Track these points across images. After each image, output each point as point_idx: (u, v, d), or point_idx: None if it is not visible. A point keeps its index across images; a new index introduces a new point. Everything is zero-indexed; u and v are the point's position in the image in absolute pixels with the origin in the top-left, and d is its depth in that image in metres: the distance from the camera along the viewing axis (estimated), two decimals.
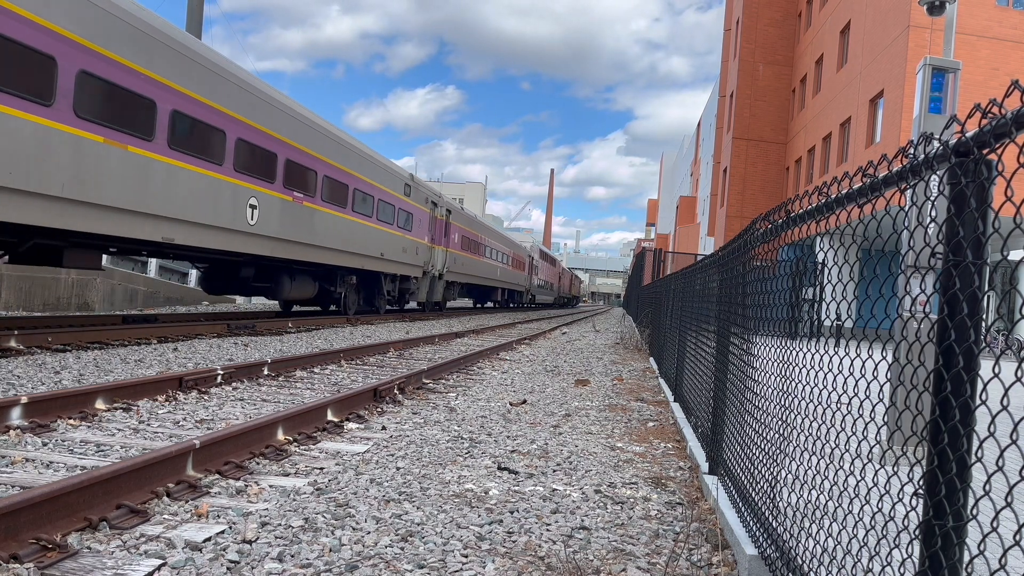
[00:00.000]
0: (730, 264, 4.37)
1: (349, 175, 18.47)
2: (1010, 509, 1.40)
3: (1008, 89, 1.43)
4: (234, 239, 13.61)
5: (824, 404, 2.27)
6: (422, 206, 24.97)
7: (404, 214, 22.87)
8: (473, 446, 5.47)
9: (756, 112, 35.31)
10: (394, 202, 21.85)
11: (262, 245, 14.61)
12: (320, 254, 17.11)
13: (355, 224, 18.99)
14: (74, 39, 9.27)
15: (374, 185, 20.24)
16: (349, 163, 18.34)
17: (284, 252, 15.45)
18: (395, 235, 22.06)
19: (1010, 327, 1.44)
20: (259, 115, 14.13)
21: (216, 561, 2.94)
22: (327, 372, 9.27)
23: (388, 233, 21.40)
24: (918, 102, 5.94)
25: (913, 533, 1.68)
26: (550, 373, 11.02)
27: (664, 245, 65.28)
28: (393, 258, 21.82)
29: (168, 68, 11.23)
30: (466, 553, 3.24)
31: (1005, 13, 22.31)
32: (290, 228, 15.58)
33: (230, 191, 13.25)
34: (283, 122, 15.08)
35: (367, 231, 19.81)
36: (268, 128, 14.48)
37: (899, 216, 1.89)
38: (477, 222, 35.35)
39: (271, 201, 14.76)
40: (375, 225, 20.35)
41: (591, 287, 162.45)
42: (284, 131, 15.14)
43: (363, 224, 19.53)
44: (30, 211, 8.87)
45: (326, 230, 17.24)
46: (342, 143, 18.02)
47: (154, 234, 11.30)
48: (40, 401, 5.29)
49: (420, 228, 24.74)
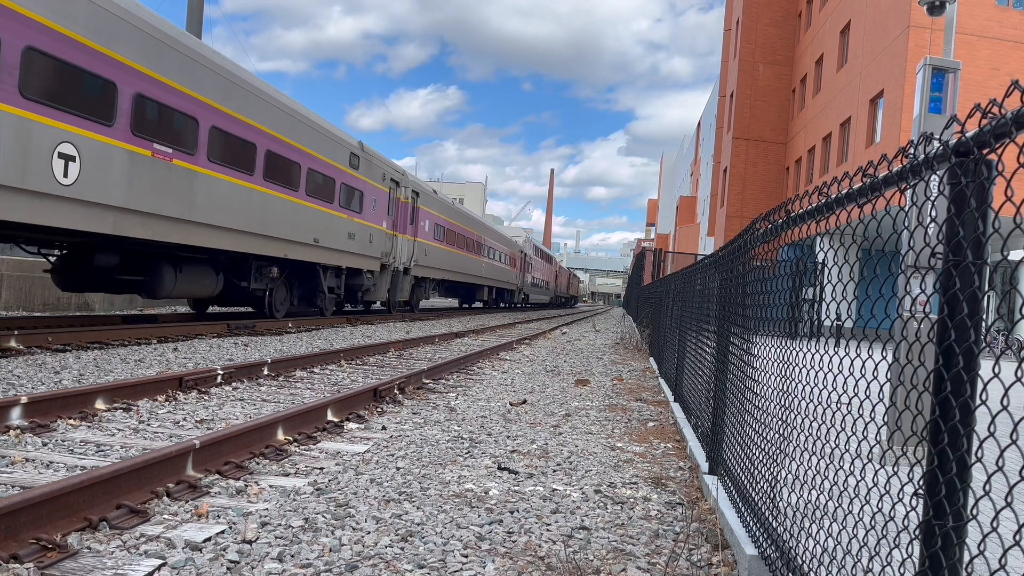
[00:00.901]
0: (730, 264, 4.37)
1: (259, 132, 13.94)
2: (1010, 509, 1.40)
3: (1008, 89, 1.43)
4: (22, 205, 8.74)
5: (824, 404, 2.27)
6: (378, 184, 20.27)
7: (350, 191, 18.31)
8: (473, 446, 5.47)
9: (756, 112, 35.31)
10: (334, 175, 17.27)
11: (88, 217, 9.79)
12: (211, 236, 12.60)
13: (270, 199, 14.46)
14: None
15: (301, 150, 15.58)
16: (258, 115, 13.82)
17: (141, 230, 10.86)
18: (336, 217, 17.54)
19: (1010, 327, 1.44)
20: (73, 20, 9.26)
21: (216, 561, 2.94)
22: (327, 372, 9.27)
23: (326, 214, 16.96)
24: (918, 102, 5.94)
25: (913, 533, 1.68)
26: (550, 373, 11.02)
27: (664, 245, 65.29)
28: (334, 246, 17.49)
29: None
30: (466, 553, 3.24)
31: (1005, 13, 22.30)
32: (150, 195, 10.92)
33: (12, 129, 8.47)
34: (131, 40, 10.32)
35: (291, 209, 15.31)
36: (98, 43, 9.69)
37: (899, 216, 1.89)
38: (456, 210, 30.77)
39: (105, 152, 9.95)
40: (304, 202, 15.85)
41: (591, 287, 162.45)
42: (133, 52, 10.36)
43: (284, 199, 14.95)
44: None
45: (220, 203, 12.76)
46: (248, 88, 13.52)
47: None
48: (40, 401, 5.29)
49: (376, 211, 20.18)
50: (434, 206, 26.66)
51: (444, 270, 28.47)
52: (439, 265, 27.64)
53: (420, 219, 24.60)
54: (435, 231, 26.78)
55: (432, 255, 26.43)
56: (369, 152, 19.87)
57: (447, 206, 29.17)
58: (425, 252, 25.32)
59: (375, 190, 20.21)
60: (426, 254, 25.44)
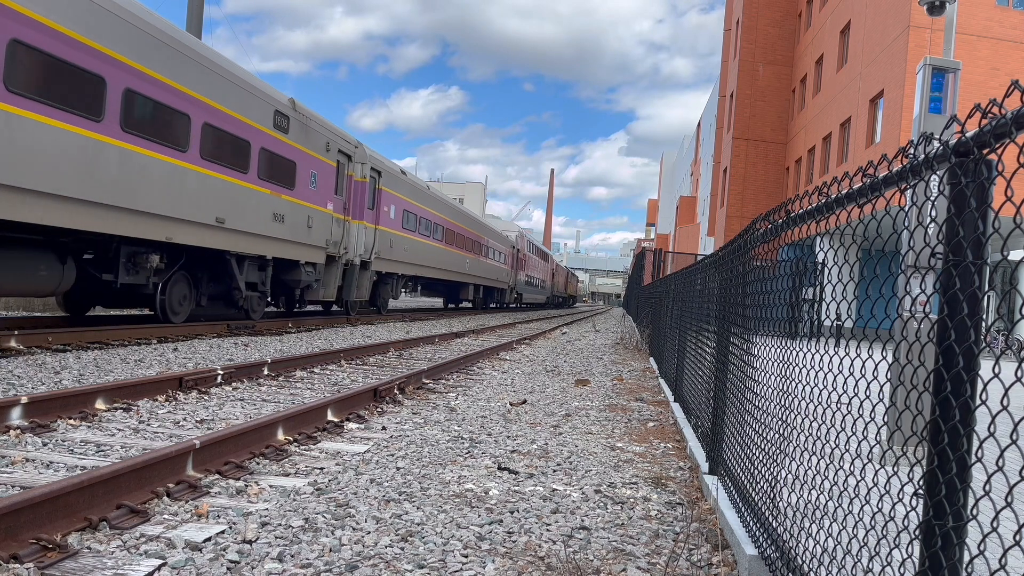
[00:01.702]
0: (730, 264, 4.37)
1: (113, 62, 10.07)
2: (1010, 509, 1.40)
3: (1008, 89, 1.43)
4: None
5: (824, 404, 2.27)
6: (319, 155, 16.28)
7: (275, 161, 14.42)
8: (473, 446, 5.47)
9: (756, 112, 35.32)
10: (249, 136, 13.35)
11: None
12: (27, 206, 8.89)
13: (135, 158, 10.61)
14: None
15: (192, 97, 11.70)
16: (110, 39, 10.01)
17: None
18: (253, 192, 13.64)
19: (1010, 327, 1.44)
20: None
21: (216, 561, 2.94)
22: (327, 372, 9.27)
23: (236, 187, 13.14)
24: (918, 102, 5.94)
25: (913, 533, 1.68)
26: (550, 373, 11.02)
27: (664, 245, 65.29)
28: (251, 229, 13.66)
29: None
30: (466, 553, 3.24)
31: (1005, 13, 22.31)
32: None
33: None
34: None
35: (174, 176, 11.44)
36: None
37: (899, 216, 1.89)
38: (431, 196, 26.53)
39: None
40: (197, 168, 12.02)
41: (591, 287, 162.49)
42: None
43: (160, 161, 11.03)
44: None
45: (40, 159, 8.99)
46: None
47: None
48: (40, 401, 5.29)
49: (317, 189, 16.27)
50: (402, 189, 22.39)
51: (416, 265, 24.39)
52: (410, 259, 23.54)
53: (383, 203, 20.38)
54: (404, 219, 22.71)
55: (400, 247, 22.27)
56: (305, 113, 15.68)
57: (419, 190, 24.82)
58: (390, 243, 21.25)
59: (316, 163, 16.18)
60: (391, 246, 21.34)
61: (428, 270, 26.17)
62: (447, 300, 37.22)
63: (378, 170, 20.02)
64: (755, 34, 35.55)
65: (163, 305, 12.40)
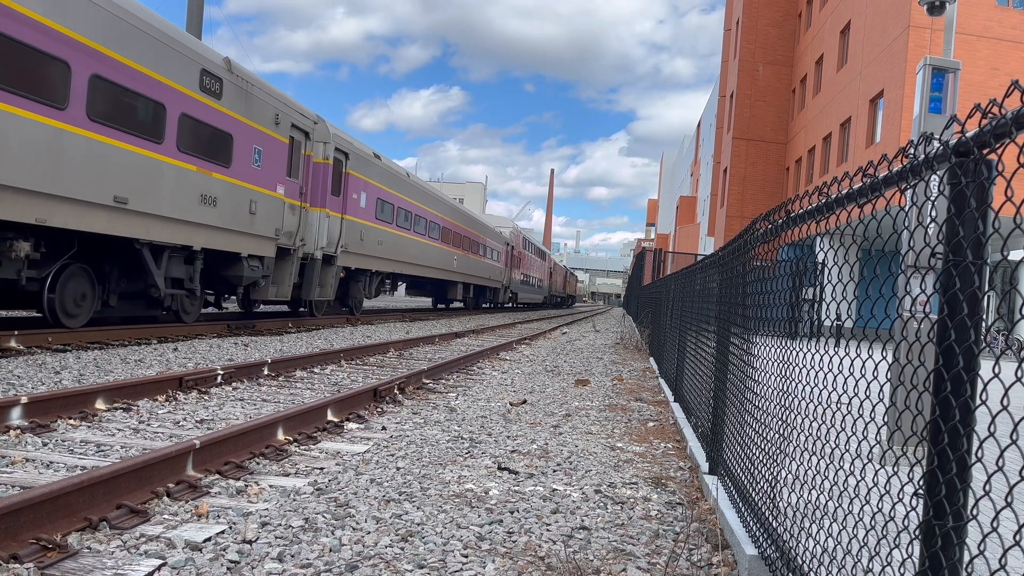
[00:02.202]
0: (730, 264, 4.37)
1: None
2: (1010, 509, 1.40)
3: (1008, 89, 1.43)
4: None
5: (824, 404, 2.27)
6: (266, 129, 13.84)
7: (204, 131, 11.99)
8: (473, 446, 5.47)
9: (756, 112, 35.32)
10: (164, 98, 10.88)
11: None
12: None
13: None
14: None
15: (72, 39, 9.18)
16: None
17: None
18: (172, 167, 11.23)
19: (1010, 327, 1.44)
20: None
21: (216, 561, 2.94)
22: (327, 372, 9.27)
23: (145, 159, 10.69)
24: (918, 102, 5.94)
25: (913, 533, 1.68)
26: (550, 373, 11.02)
27: (664, 245, 65.28)
28: (173, 214, 11.33)
29: None
30: (466, 553, 3.24)
31: (1005, 13, 22.31)
32: None
33: None
34: None
35: (53, 141, 9.05)
36: None
37: (899, 216, 1.89)
38: (412, 184, 23.67)
39: None
40: (83, 131, 9.54)
41: (591, 287, 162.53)
42: None
43: (21, 119, 8.59)
44: None
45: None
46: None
47: None
48: (40, 401, 5.29)
49: (263, 169, 13.79)
50: (375, 175, 19.63)
51: (394, 261, 21.71)
52: (385, 254, 20.89)
53: (351, 189, 17.87)
54: (378, 208, 20.07)
55: (372, 240, 19.68)
56: (245, 77, 13.07)
57: (397, 177, 21.89)
58: (360, 235, 18.71)
59: (261, 137, 13.66)
60: (362, 238, 18.83)
61: (409, 267, 23.38)
62: (436, 300, 34.81)
63: (344, 151, 17.38)
64: (755, 34, 35.56)
65: (52, 305, 9.94)
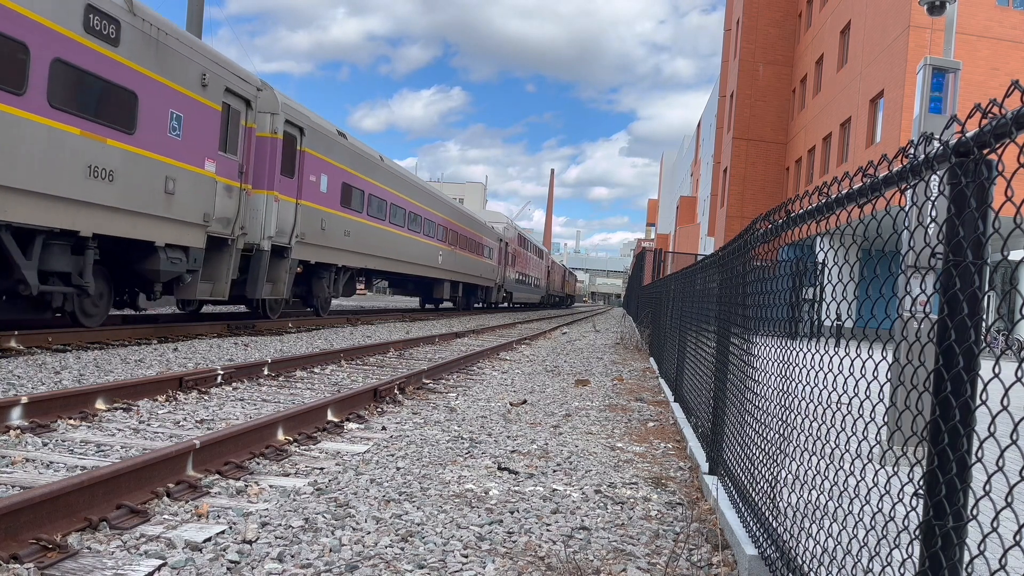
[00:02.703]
0: (730, 264, 4.37)
1: None
2: (1010, 509, 1.40)
3: (1008, 89, 1.43)
4: None
5: (824, 404, 2.27)
6: (189, 91, 11.44)
7: (93, 85, 9.51)
8: (473, 446, 5.47)
9: (756, 112, 35.32)
10: (24, 35, 8.46)
11: None
12: None
13: None
14: None
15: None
16: None
17: None
18: (41, 127, 8.82)
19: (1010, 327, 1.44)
20: None
21: (216, 561, 2.94)
22: (327, 372, 9.27)
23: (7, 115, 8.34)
24: (918, 102, 5.94)
25: (913, 533, 1.68)
26: (550, 373, 11.01)
27: (664, 245, 65.28)
28: (46, 188, 8.93)
29: None
30: (466, 553, 3.24)
31: (1005, 13, 22.31)
32: None
33: None
34: None
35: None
36: None
37: (899, 216, 1.89)
38: (387, 169, 20.77)
39: None
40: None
41: (591, 287, 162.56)
42: None
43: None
44: None
45: None
46: None
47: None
48: (40, 401, 5.29)
49: (186, 140, 11.45)
50: (338, 155, 17.08)
51: (365, 255, 19.18)
52: (354, 247, 18.36)
53: (308, 171, 15.42)
54: (344, 194, 17.54)
55: (337, 230, 17.20)
56: (154, 22, 10.65)
57: (367, 160, 19.07)
58: (321, 224, 16.34)
59: (180, 100, 11.26)
60: (323, 227, 16.45)
61: (384, 262, 20.70)
62: (423, 300, 32.33)
63: (298, 125, 14.93)
64: (755, 34, 35.55)
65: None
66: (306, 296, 17.74)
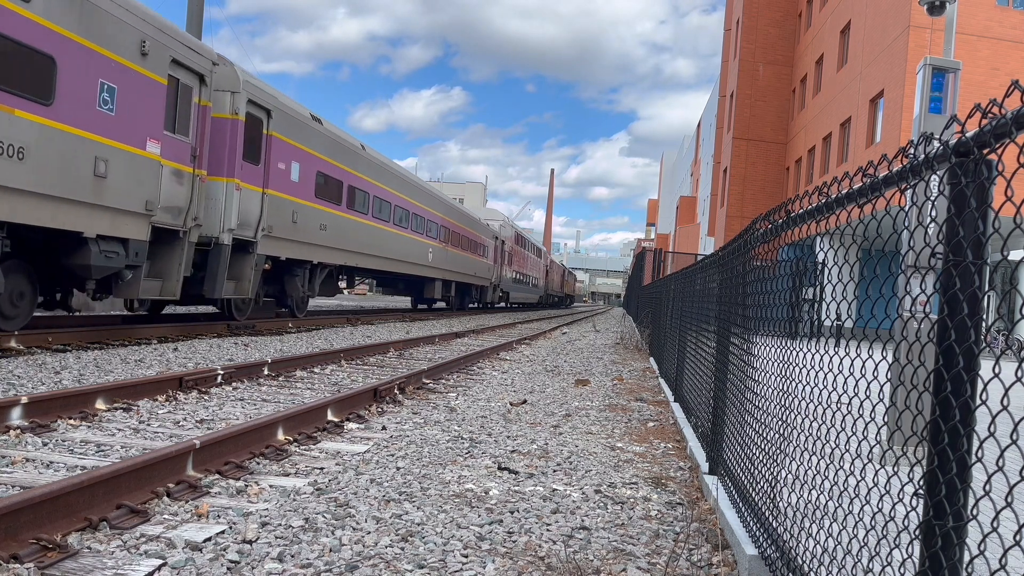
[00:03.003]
0: (730, 264, 4.37)
1: None
2: (1010, 509, 1.40)
3: (1008, 89, 1.43)
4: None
5: (824, 404, 2.27)
6: (125, 59, 9.95)
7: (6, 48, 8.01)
8: (473, 446, 5.47)
9: (756, 112, 35.32)
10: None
11: None
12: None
13: None
14: None
15: None
16: None
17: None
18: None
19: (1010, 327, 1.44)
20: None
21: (216, 561, 2.94)
22: (327, 372, 9.27)
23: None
24: (918, 102, 5.94)
25: (913, 533, 1.68)
26: (550, 373, 11.01)
27: (664, 245, 65.28)
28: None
29: None
30: (466, 553, 3.24)
31: (1005, 13, 22.30)
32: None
33: None
34: None
35: None
36: None
37: (899, 216, 1.89)
38: (368, 158, 19.31)
39: None
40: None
41: (591, 287, 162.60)
42: None
43: None
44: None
45: None
46: None
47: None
48: (40, 401, 5.29)
49: (121, 116, 9.96)
50: (313, 141, 15.72)
51: (344, 251, 17.73)
52: (332, 242, 16.94)
53: (276, 157, 14.05)
54: (318, 184, 16.08)
55: (311, 223, 15.76)
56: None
57: (344, 147, 17.45)
58: (293, 216, 14.91)
59: (114, 70, 9.79)
60: (295, 220, 15.04)
61: (367, 259, 19.24)
62: (415, 300, 31.01)
63: (264, 107, 13.54)
64: (755, 34, 35.55)
65: None
66: (280, 295, 16.46)
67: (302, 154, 15.32)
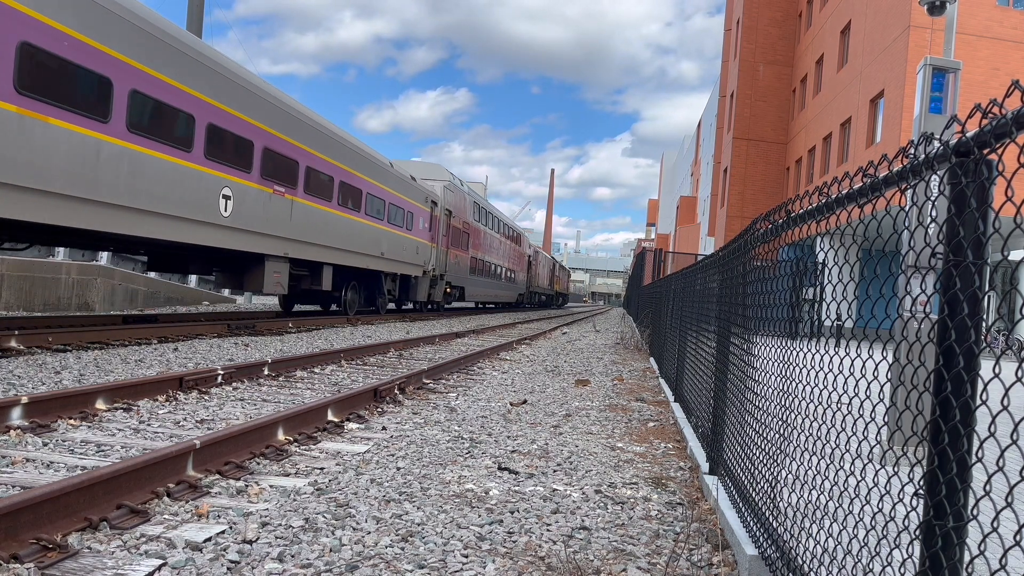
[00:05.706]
0: (730, 264, 4.37)
1: None
2: (1010, 509, 1.40)
3: (1008, 89, 1.43)
4: None
5: (824, 404, 2.27)
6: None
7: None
8: (473, 446, 5.47)
9: (756, 112, 35.31)
10: None
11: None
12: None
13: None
14: None
15: None
16: None
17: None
18: None
19: (1010, 327, 1.44)
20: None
21: (216, 561, 2.94)
22: (327, 372, 9.27)
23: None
24: (918, 102, 5.93)
25: (913, 533, 1.68)
26: (550, 373, 11.01)
27: (664, 245, 65.25)
28: None
29: None
30: (466, 553, 3.24)
31: (1005, 13, 22.29)
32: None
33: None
34: None
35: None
36: None
37: (899, 216, 1.89)
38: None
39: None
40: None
41: (592, 287, 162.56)
42: None
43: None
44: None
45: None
46: None
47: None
48: (40, 401, 5.29)
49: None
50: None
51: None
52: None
53: None
54: None
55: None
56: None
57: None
58: None
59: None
60: None
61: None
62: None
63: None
64: (755, 34, 35.54)
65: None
66: None
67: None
